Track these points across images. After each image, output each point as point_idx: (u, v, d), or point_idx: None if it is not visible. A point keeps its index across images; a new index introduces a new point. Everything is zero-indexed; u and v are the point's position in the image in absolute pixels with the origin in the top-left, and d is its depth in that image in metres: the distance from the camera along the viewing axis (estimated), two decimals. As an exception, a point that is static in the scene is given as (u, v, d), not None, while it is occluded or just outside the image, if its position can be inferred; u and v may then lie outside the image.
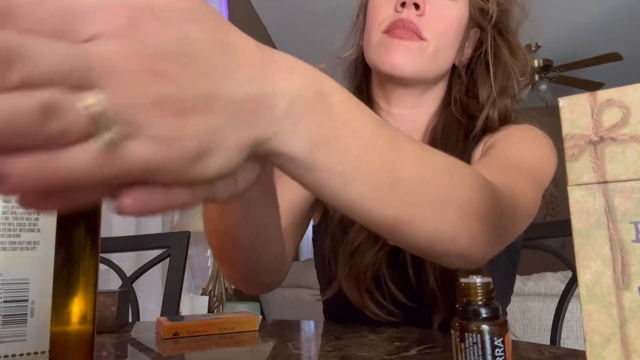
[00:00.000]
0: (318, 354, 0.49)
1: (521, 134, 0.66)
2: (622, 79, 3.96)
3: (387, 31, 0.65)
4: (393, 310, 0.65)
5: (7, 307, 0.32)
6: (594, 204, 0.21)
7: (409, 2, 0.62)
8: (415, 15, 0.63)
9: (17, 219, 0.33)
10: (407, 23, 0.63)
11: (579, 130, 0.22)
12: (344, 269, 0.65)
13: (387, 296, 0.65)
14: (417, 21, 0.63)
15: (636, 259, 0.20)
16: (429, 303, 0.63)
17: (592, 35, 3.57)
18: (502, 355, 0.36)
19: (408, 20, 0.62)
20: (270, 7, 3.06)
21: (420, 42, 0.64)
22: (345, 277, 0.65)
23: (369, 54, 0.68)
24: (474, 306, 0.37)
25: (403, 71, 0.64)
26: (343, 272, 0.65)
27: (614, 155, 0.21)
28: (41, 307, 0.33)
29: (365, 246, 0.65)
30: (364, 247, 0.65)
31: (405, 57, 0.64)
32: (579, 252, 0.22)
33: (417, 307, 0.65)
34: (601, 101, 0.22)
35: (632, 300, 0.20)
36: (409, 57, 0.64)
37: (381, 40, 0.65)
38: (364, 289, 0.65)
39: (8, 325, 0.32)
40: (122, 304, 0.69)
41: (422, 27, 0.63)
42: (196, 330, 0.61)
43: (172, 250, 0.99)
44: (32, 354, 0.33)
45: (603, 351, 0.21)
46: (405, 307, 0.65)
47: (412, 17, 0.63)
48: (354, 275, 0.65)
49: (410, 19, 0.62)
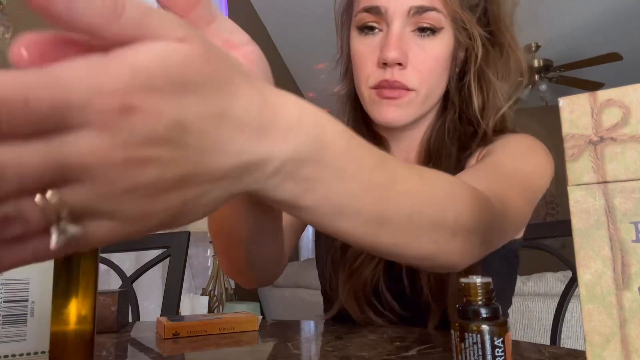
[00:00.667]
0: (318, 354, 0.49)
1: (517, 144, 0.66)
2: (622, 79, 3.96)
3: (375, 87, 0.66)
4: (391, 319, 0.67)
5: (7, 307, 0.32)
6: (594, 204, 0.21)
7: (391, 64, 0.63)
8: (398, 72, 0.63)
9: (17, 219, 0.33)
10: (392, 83, 0.63)
11: (579, 130, 0.22)
12: (344, 288, 0.67)
13: (385, 306, 0.67)
14: (402, 77, 0.63)
15: (636, 259, 0.20)
16: (423, 310, 0.65)
17: (592, 35, 3.57)
18: (502, 355, 0.36)
19: (392, 80, 0.63)
20: (270, 7, 3.06)
21: (409, 93, 0.64)
22: (346, 296, 0.67)
23: (363, 104, 0.69)
24: (474, 306, 0.37)
25: (399, 123, 0.66)
26: (343, 292, 0.67)
27: (614, 155, 0.21)
28: (41, 307, 0.33)
29: (364, 263, 0.67)
30: (362, 265, 0.67)
31: (397, 113, 0.65)
32: (579, 252, 0.22)
33: (411, 316, 0.67)
34: (601, 101, 0.22)
35: (632, 300, 0.20)
36: (401, 112, 0.65)
37: (372, 97, 0.66)
38: (364, 304, 0.66)
39: (8, 325, 0.32)
40: (122, 304, 0.69)
41: (407, 81, 0.64)
42: (196, 330, 0.61)
43: (172, 250, 0.99)
44: (32, 354, 0.33)
45: (603, 351, 0.21)
46: (400, 315, 0.67)
47: (396, 76, 0.63)
48: (354, 292, 0.66)
49: (394, 79, 0.63)
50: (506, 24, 0.69)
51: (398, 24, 0.63)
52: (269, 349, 0.54)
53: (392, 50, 0.62)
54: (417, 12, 0.62)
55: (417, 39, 0.64)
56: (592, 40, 3.62)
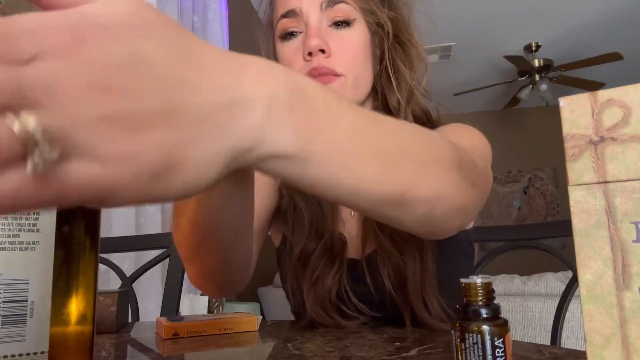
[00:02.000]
0: (318, 354, 0.49)
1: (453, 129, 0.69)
2: (623, 79, 3.96)
3: None
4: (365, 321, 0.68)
5: (7, 307, 0.32)
6: (595, 204, 0.21)
7: (314, 51, 0.66)
8: (324, 59, 0.67)
9: (16, 219, 0.33)
10: (320, 69, 0.66)
11: (579, 130, 0.22)
12: (309, 299, 0.68)
13: (353, 309, 0.68)
14: (328, 63, 0.67)
15: (637, 259, 0.20)
16: (390, 309, 0.66)
17: (593, 35, 3.57)
18: (503, 355, 0.36)
19: (320, 66, 0.66)
20: (270, 7, 3.06)
21: (338, 78, 0.67)
22: (312, 306, 0.68)
23: None
24: (474, 306, 0.37)
25: None
26: (308, 300, 0.68)
27: (614, 155, 0.21)
28: (41, 307, 0.33)
29: (324, 271, 0.68)
30: (323, 272, 0.68)
31: None
32: (579, 252, 0.22)
33: (382, 316, 0.68)
34: (602, 101, 0.22)
35: (632, 301, 0.20)
36: None
37: None
38: (332, 311, 0.68)
39: (7, 326, 0.32)
40: (121, 304, 0.69)
41: (334, 66, 0.67)
42: (196, 331, 0.61)
43: (172, 250, 0.99)
44: (32, 354, 0.32)
45: (603, 351, 0.21)
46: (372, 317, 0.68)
47: (322, 62, 0.66)
48: (319, 301, 0.68)
49: (322, 65, 0.66)
50: (405, 23, 0.75)
51: (314, 18, 0.68)
52: (269, 349, 0.54)
53: (313, 39, 0.66)
54: (329, 5, 0.68)
55: (335, 31, 0.68)
56: (592, 40, 3.62)
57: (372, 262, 0.68)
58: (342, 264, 0.69)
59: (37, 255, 0.33)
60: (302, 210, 0.71)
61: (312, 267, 0.69)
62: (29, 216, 0.33)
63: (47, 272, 0.33)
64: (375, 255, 0.68)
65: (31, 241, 0.33)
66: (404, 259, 0.65)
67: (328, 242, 0.69)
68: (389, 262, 0.66)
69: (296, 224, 0.72)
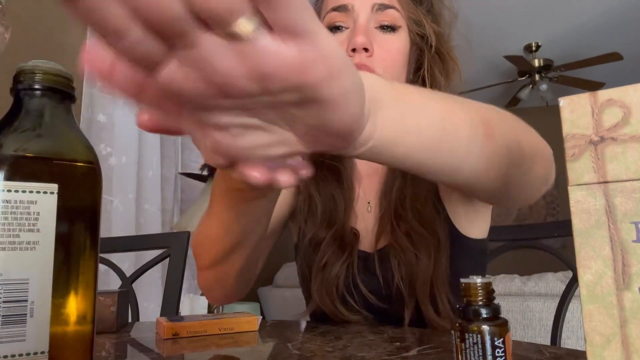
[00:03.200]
0: (318, 354, 0.49)
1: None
2: (623, 79, 3.96)
3: None
4: (367, 315, 0.70)
5: (7, 307, 0.32)
6: (595, 204, 0.21)
7: (359, 49, 0.68)
8: (366, 58, 0.68)
9: (16, 219, 0.33)
10: (360, 67, 0.68)
11: (579, 130, 0.22)
12: (316, 283, 0.70)
13: (359, 301, 0.70)
14: (369, 62, 0.68)
15: (637, 259, 0.20)
16: (397, 302, 0.68)
17: (593, 35, 3.57)
18: (503, 355, 0.36)
19: (361, 64, 0.68)
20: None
21: None
22: (318, 291, 0.70)
23: None
24: (475, 306, 0.37)
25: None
26: (314, 286, 0.71)
27: (614, 155, 0.21)
28: (41, 307, 0.33)
29: (333, 258, 0.70)
30: (332, 260, 0.70)
31: None
32: (579, 252, 0.22)
33: (387, 308, 0.69)
34: (602, 101, 0.22)
35: (632, 301, 0.20)
36: None
37: None
38: (337, 299, 0.69)
39: (7, 326, 0.32)
40: (121, 304, 0.69)
41: (374, 66, 0.68)
42: (196, 331, 0.61)
43: (172, 251, 0.99)
44: (32, 354, 0.32)
45: (604, 351, 0.21)
46: (376, 309, 0.69)
47: (364, 60, 0.68)
48: (326, 288, 0.70)
49: (362, 63, 0.68)
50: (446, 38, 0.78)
51: (364, 17, 0.70)
52: (269, 349, 0.54)
53: (360, 36, 0.68)
54: (380, 8, 0.70)
55: (380, 33, 0.71)
56: (592, 40, 3.62)
57: (384, 256, 0.69)
58: (351, 255, 0.70)
59: (37, 255, 0.33)
60: (317, 201, 0.74)
61: (322, 253, 0.71)
62: (29, 216, 0.33)
63: (47, 272, 0.33)
64: (388, 249, 0.69)
65: (31, 241, 0.33)
66: (418, 255, 0.66)
67: (339, 231, 0.71)
68: (402, 256, 0.67)
69: (310, 213, 0.74)
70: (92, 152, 0.38)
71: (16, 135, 0.35)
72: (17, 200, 0.33)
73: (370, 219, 0.75)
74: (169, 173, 1.89)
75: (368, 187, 0.77)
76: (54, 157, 0.35)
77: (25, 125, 0.35)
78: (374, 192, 0.77)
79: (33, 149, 0.35)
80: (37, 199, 0.33)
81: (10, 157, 0.34)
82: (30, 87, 0.36)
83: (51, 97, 0.37)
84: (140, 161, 1.63)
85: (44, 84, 0.36)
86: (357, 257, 0.71)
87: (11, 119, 0.35)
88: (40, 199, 0.34)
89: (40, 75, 0.36)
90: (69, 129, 0.37)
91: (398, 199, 0.71)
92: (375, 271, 0.69)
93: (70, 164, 0.36)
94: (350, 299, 0.70)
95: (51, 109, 0.36)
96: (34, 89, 0.36)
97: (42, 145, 0.35)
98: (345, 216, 0.73)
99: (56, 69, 0.37)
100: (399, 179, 0.72)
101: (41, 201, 0.34)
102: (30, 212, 0.33)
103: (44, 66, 0.37)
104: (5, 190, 0.33)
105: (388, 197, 0.72)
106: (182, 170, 2.01)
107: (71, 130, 0.37)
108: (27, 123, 0.35)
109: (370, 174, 0.78)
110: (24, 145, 0.34)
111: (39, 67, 0.36)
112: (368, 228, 0.74)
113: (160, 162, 1.76)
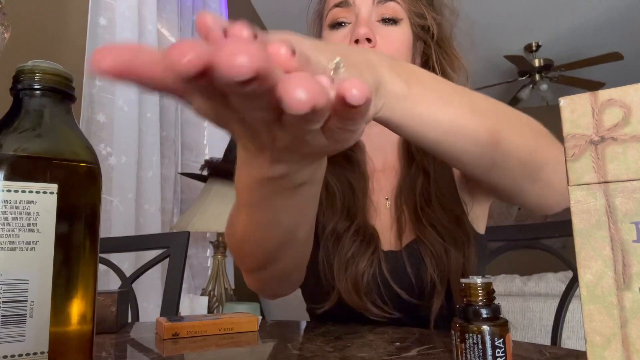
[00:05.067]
0: (318, 354, 0.49)
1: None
2: (623, 79, 3.96)
3: None
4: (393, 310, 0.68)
5: (7, 308, 0.32)
6: (595, 204, 0.21)
7: (362, 39, 0.69)
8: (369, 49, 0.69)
9: (16, 219, 0.33)
10: None
11: (579, 130, 0.22)
12: (341, 277, 0.68)
13: (387, 297, 0.68)
14: None
15: (637, 259, 0.20)
16: (429, 296, 0.67)
17: (593, 35, 3.57)
18: (503, 355, 0.36)
19: None
20: (270, 7, 3.06)
21: None
22: (344, 284, 0.67)
23: None
24: (475, 307, 0.37)
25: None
26: (341, 281, 0.68)
27: (614, 155, 0.21)
28: (40, 308, 0.33)
29: (359, 252, 0.68)
30: (357, 253, 0.68)
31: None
32: (579, 253, 0.22)
33: (419, 304, 0.67)
34: (602, 101, 0.22)
35: (633, 301, 0.20)
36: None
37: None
38: (363, 293, 0.67)
39: (7, 326, 0.32)
40: (121, 305, 0.69)
41: None
42: (196, 331, 0.61)
43: (171, 251, 0.99)
44: (32, 354, 0.32)
45: (604, 351, 0.21)
46: (405, 305, 0.67)
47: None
48: (352, 281, 0.67)
49: None
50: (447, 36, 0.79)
51: (365, 10, 0.71)
52: (269, 349, 0.54)
53: (362, 27, 0.69)
54: (381, 1, 0.72)
55: (382, 26, 0.72)
56: (592, 40, 3.62)
57: (412, 251, 0.68)
58: (377, 249, 0.68)
59: (37, 255, 0.33)
60: (335, 190, 0.73)
61: (346, 247, 0.69)
62: (28, 216, 0.33)
63: (47, 272, 0.33)
64: (415, 245, 0.68)
65: (31, 241, 0.33)
66: (447, 248, 0.66)
67: (360, 224, 0.70)
68: (433, 249, 0.66)
69: (328, 203, 0.73)
70: (92, 152, 0.38)
71: (16, 135, 0.35)
72: (16, 200, 0.33)
73: (388, 215, 0.73)
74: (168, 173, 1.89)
75: (383, 183, 0.76)
76: (53, 157, 0.35)
77: (25, 125, 0.35)
78: (389, 188, 0.75)
79: (33, 149, 0.35)
80: (37, 199, 0.33)
81: (10, 157, 0.34)
82: (30, 87, 0.36)
83: (51, 97, 0.37)
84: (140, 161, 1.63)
85: (43, 84, 0.36)
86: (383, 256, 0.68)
87: (11, 119, 0.35)
88: (40, 199, 0.34)
89: (40, 75, 0.36)
90: (69, 129, 0.37)
91: (422, 196, 0.70)
92: (405, 268, 0.67)
93: (70, 164, 0.36)
94: (376, 294, 0.68)
95: (51, 109, 0.36)
96: (34, 89, 0.36)
97: (42, 145, 0.35)
98: (364, 208, 0.72)
99: (56, 69, 0.37)
100: (420, 177, 0.71)
101: (41, 201, 0.34)
102: (30, 212, 0.33)
103: (44, 66, 0.36)
104: (4, 190, 0.33)
105: (410, 195, 0.71)
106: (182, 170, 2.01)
107: (71, 130, 0.37)
108: (27, 123, 0.35)
109: (384, 170, 0.77)
110: (23, 145, 0.34)
111: (39, 67, 0.36)
112: (386, 225, 0.72)
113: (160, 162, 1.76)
